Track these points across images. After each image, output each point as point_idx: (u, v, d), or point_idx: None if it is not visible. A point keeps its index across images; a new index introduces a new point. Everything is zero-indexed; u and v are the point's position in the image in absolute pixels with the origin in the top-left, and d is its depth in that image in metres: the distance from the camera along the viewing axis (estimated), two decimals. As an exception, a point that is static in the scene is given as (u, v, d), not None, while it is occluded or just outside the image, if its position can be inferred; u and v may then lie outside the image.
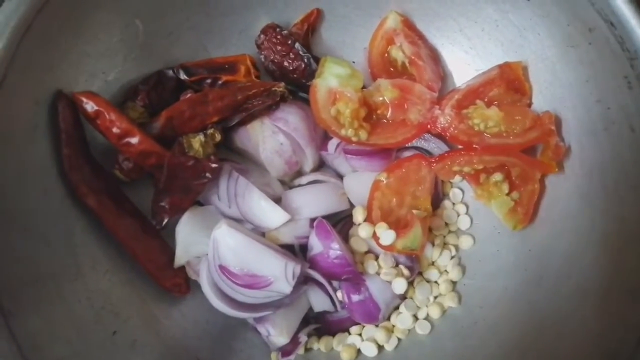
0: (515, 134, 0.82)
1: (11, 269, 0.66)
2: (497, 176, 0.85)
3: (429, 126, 0.85)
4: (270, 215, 0.82)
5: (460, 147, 0.86)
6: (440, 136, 0.89)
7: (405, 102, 0.86)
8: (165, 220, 0.81)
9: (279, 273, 0.77)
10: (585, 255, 0.76)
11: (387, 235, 0.81)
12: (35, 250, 0.71)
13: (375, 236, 0.83)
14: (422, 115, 0.85)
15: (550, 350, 0.74)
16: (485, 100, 0.86)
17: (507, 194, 0.85)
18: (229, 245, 0.77)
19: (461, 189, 0.94)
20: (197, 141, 0.80)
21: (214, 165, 0.80)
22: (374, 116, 0.88)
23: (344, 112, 0.83)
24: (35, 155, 0.74)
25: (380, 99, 0.87)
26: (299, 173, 0.93)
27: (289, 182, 0.92)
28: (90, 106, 0.77)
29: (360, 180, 0.89)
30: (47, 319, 0.69)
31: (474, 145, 0.83)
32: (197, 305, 0.86)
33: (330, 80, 0.84)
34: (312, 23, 0.95)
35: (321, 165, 0.95)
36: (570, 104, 0.80)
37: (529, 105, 0.86)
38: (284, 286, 0.77)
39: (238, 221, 0.84)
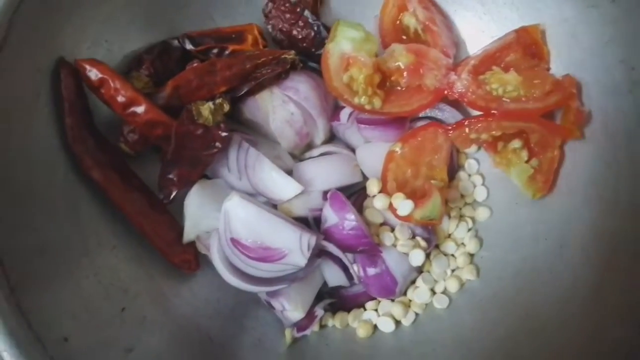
0: (535, 98, 0.79)
1: (17, 242, 0.63)
2: (516, 143, 0.82)
3: (445, 92, 0.83)
4: (282, 186, 0.79)
5: (476, 114, 0.84)
6: (455, 104, 0.86)
7: (421, 67, 0.83)
8: (174, 194, 0.78)
9: (294, 245, 0.74)
10: (610, 223, 0.73)
11: (405, 205, 0.78)
12: (41, 224, 0.68)
13: (391, 207, 0.80)
14: (439, 80, 0.82)
15: (574, 320, 0.71)
16: (502, 65, 0.84)
17: (526, 161, 0.82)
18: (241, 217, 0.75)
19: (476, 160, 0.91)
20: (206, 108, 0.77)
21: (223, 133, 0.77)
22: (388, 83, 0.85)
23: (357, 78, 0.80)
24: (38, 125, 0.71)
25: (395, 64, 0.84)
26: (309, 146, 0.90)
27: (299, 155, 0.90)
28: (94, 74, 0.74)
29: (373, 151, 0.86)
30: (55, 295, 0.66)
31: (492, 111, 0.80)
32: (208, 282, 0.83)
33: (343, 44, 0.81)
34: (321, -10, 0.92)
35: (332, 137, 0.92)
36: (591, 66, 0.78)
37: (547, 69, 0.83)
38: (299, 258, 0.74)
39: (251, 195, 0.81)
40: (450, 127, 0.84)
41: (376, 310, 0.85)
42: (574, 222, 0.78)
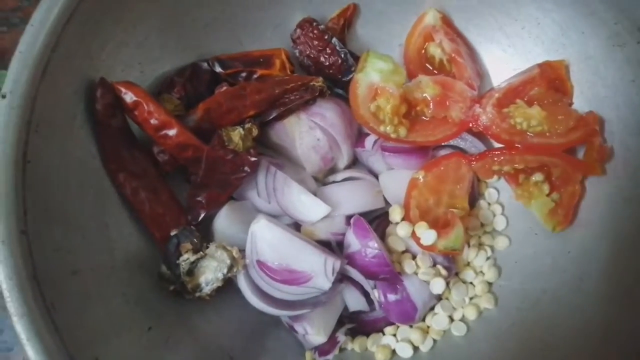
0: (558, 133, 0.81)
1: (52, 261, 0.65)
2: (538, 176, 0.83)
3: (470, 124, 0.84)
4: (311, 208, 0.81)
5: (498, 145, 0.85)
6: (479, 135, 0.88)
7: (447, 99, 0.85)
8: (202, 215, 0.80)
9: (318, 268, 0.76)
10: (629, 258, 0.74)
11: (428, 235, 0.79)
12: (73, 243, 0.69)
13: (414, 236, 0.82)
14: (464, 113, 0.84)
15: (592, 356, 0.73)
16: (525, 99, 0.85)
17: (547, 195, 0.84)
18: (268, 239, 0.76)
19: (497, 189, 0.92)
20: (236, 134, 0.79)
21: (253, 159, 0.78)
22: (413, 113, 0.87)
23: (384, 108, 0.82)
24: (73, 146, 0.72)
25: (422, 95, 0.85)
26: (332, 170, 0.92)
27: (322, 179, 0.91)
28: (129, 96, 0.76)
29: (396, 178, 0.88)
30: (87, 314, 0.67)
31: (516, 145, 0.81)
32: (230, 302, 0.84)
33: (372, 75, 0.83)
34: (349, 18, 0.93)
35: (354, 162, 0.94)
36: (614, 104, 0.79)
37: (570, 105, 0.84)
38: (323, 282, 0.76)
39: (276, 217, 0.82)
40: (473, 158, 0.86)
41: (395, 335, 0.86)
42: (592, 256, 0.79)
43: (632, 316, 0.71)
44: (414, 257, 0.83)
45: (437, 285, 0.81)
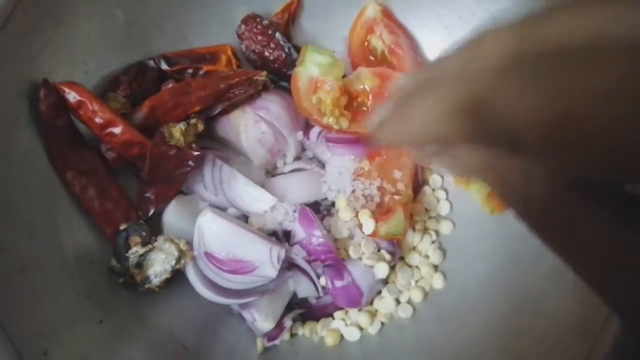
0: (493, 120, 0.84)
1: (-3, 259, 0.67)
2: (475, 162, 0.86)
3: (409, 113, 0.87)
4: (258, 199, 0.84)
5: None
6: (419, 123, 0.90)
7: (385, 90, 0.87)
8: (152, 211, 0.82)
9: (264, 257, 0.78)
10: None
11: (368, 225, 0.82)
12: (20, 242, 0.71)
13: (358, 223, 0.84)
14: (402, 102, 0.87)
15: (528, 330, 0.76)
16: (464, 88, 0.88)
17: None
18: (214, 231, 0.78)
19: (441, 175, 0.95)
20: (177, 130, 0.81)
21: (195, 153, 0.80)
22: (355, 104, 0.90)
23: (325, 100, 0.84)
24: (17, 147, 0.74)
25: (361, 87, 0.88)
26: (280, 162, 0.94)
27: (270, 170, 0.94)
28: (72, 96, 0.78)
29: (341, 168, 0.90)
30: (34, 310, 0.69)
31: (453, 132, 0.84)
32: (182, 294, 0.86)
33: (311, 68, 0.86)
34: (293, 13, 0.95)
35: (302, 152, 0.96)
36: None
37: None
38: (270, 270, 0.78)
39: (223, 209, 0.85)
40: (413, 146, 0.89)
41: (344, 319, 0.89)
42: (528, 238, 0.80)
43: (562, 292, 0.75)
44: (359, 244, 0.86)
45: (381, 270, 0.84)
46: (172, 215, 0.83)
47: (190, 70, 0.91)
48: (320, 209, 0.90)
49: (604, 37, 0.29)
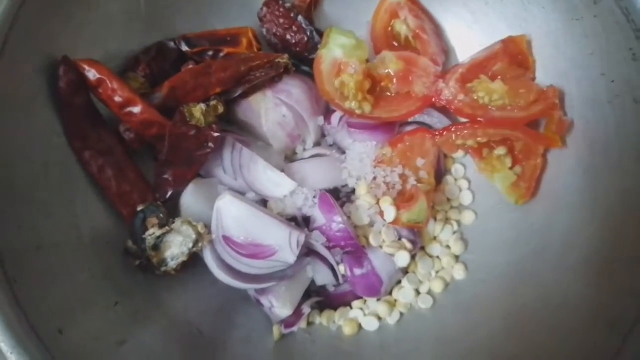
0: (519, 107, 0.82)
1: (14, 236, 0.66)
2: (500, 150, 0.85)
3: (433, 99, 0.85)
4: (277, 183, 0.82)
5: (463, 120, 0.86)
6: (443, 110, 0.89)
7: (410, 74, 0.86)
8: (169, 193, 0.80)
9: (283, 242, 0.77)
10: (588, 227, 0.76)
11: (389, 212, 0.81)
12: (37, 219, 0.70)
13: (379, 210, 0.83)
14: (427, 88, 0.85)
15: (552, 321, 0.74)
16: (489, 74, 0.86)
17: (510, 168, 0.85)
18: (233, 215, 0.77)
19: (463, 165, 0.94)
20: (198, 110, 0.79)
21: (215, 134, 0.79)
22: (378, 89, 0.88)
23: (348, 83, 0.83)
24: (35, 124, 0.73)
25: (385, 71, 0.86)
26: (300, 147, 0.92)
27: (290, 156, 0.92)
28: (92, 74, 0.76)
29: (362, 154, 0.88)
30: (51, 288, 0.68)
31: (478, 118, 0.83)
32: (199, 278, 0.85)
33: (335, 50, 0.84)
34: (315, -4, 0.94)
35: (322, 138, 0.95)
36: (573, 77, 0.81)
37: (532, 79, 0.86)
38: (288, 255, 0.77)
39: (241, 193, 0.83)
40: (437, 132, 0.87)
41: (362, 308, 0.87)
42: (554, 227, 0.81)
43: (590, 284, 0.73)
44: (379, 231, 0.84)
45: (402, 258, 0.83)
46: (190, 197, 0.82)
47: (210, 52, 0.90)
48: (340, 196, 0.89)
49: None
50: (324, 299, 0.88)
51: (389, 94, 0.88)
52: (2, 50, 0.67)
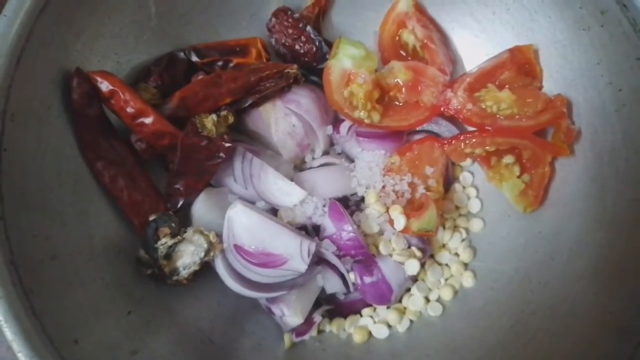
0: (528, 116, 0.83)
1: (29, 246, 0.66)
2: (509, 158, 0.85)
3: (442, 108, 0.86)
4: (288, 193, 0.83)
5: (472, 129, 0.87)
6: (452, 119, 0.90)
7: (419, 84, 0.86)
8: (181, 203, 0.81)
9: (294, 251, 0.77)
10: (596, 235, 0.76)
11: (399, 220, 0.81)
12: (52, 229, 0.71)
13: (389, 219, 0.83)
14: (435, 97, 0.86)
15: (561, 329, 0.75)
16: (496, 83, 0.87)
17: (518, 177, 0.86)
18: (244, 224, 0.78)
19: (471, 173, 0.94)
20: (209, 121, 0.80)
21: (227, 144, 0.80)
22: (386, 98, 0.89)
23: (357, 93, 0.84)
24: (50, 135, 0.74)
25: (394, 81, 0.87)
26: (309, 157, 0.93)
27: (299, 165, 0.93)
28: (105, 85, 0.77)
29: (371, 163, 0.89)
30: (66, 298, 0.68)
31: (487, 127, 0.83)
32: (210, 287, 0.86)
33: (344, 61, 0.85)
34: (323, 6, 0.95)
35: (331, 147, 0.95)
36: (581, 86, 0.81)
37: (540, 88, 0.86)
38: (299, 264, 0.77)
39: (252, 202, 0.84)
40: (445, 141, 0.88)
41: (372, 316, 0.88)
42: (562, 235, 0.81)
43: (598, 292, 0.73)
44: (389, 240, 0.85)
45: (412, 267, 0.83)
46: (201, 207, 0.82)
47: (220, 63, 0.91)
48: (349, 204, 0.89)
49: None
50: (334, 307, 0.89)
51: (397, 103, 0.89)
52: (18, 63, 0.68)
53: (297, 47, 0.92)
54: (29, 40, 0.69)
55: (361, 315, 0.89)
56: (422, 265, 0.88)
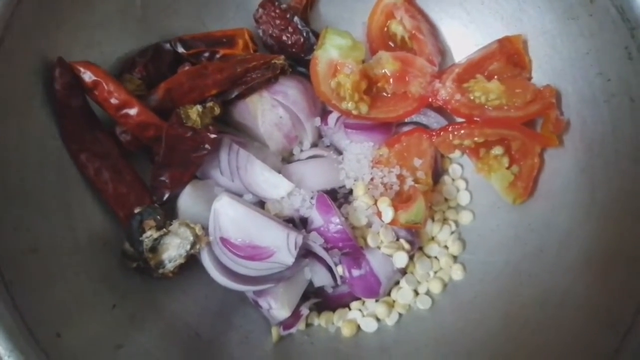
0: (516, 107, 0.82)
1: (10, 238, 0.65)
2: (498, 150, 0.85)
3: (430, 99, 0.85)
4: (275, 185, 0.82)
5: (460, 120, 0.86)
6: (440, 110, 0.89)
7: (407, 75, 0.86)
8: (166, 195, 0.80)
9: (281, 243, 0.76)
10: (586, 227, 0.76)
11: (387, 213, 0.80)
12: (33, 221, 0.69)
13: (377, 211, 0.83)
14: (424, 88, 0.85)
15: (551, 321, 0.74)
16: (485, 74, 0.86)
17: (507, 168, 0.85)
18: (230, 216, 0.77)
19: (460, 165, 0.94)
20: (194, 112, 0.79)
21: (212, 135, 0.79)
22: (374, 89, 0.88)
23: (344, 84, 0.83)
24: (32, 126, 0.73)
25: (381, 71, 0.86)
26: (297, 149, 0.92)
27: (287, 157, 0.92)
28: (87, 76, 0.76)
29: (359, 155, 0.88)
30: (48, 291, 0.67)
31: (475, 118, 0.83)
32: (196, 280, 0.85)
33: (331, 51, 0.84)
34: (311, -3, 0.94)
35: (319, 139, 0.95)
36: (570, 77, 0.81)
37: (529, 79, 0.86)
38: (286, 257, 0.77)
39: (239, 195, 0.83)
40: (434, 133, 0.87)
41: (360, 310, 0.87)
42: (551, 227, 0.81)
43: (588, 284, 0.73)
44: (377, 232, 0.84)
45: (400, 259, 0.82)
46: (187, 199, 0.81)
47: (206, 54, 0.89)
48: (337, 197, 0.88)
49: None
50: (322, 301, 0.88)
51: (385, 94, 0.88)
52: (-1, 49, 0.67)
53: (284, 38, 0.91)
54: (8, 28, 0.68)
55: (350, 309, 0.88)
56: (411, 258, 0.87)
